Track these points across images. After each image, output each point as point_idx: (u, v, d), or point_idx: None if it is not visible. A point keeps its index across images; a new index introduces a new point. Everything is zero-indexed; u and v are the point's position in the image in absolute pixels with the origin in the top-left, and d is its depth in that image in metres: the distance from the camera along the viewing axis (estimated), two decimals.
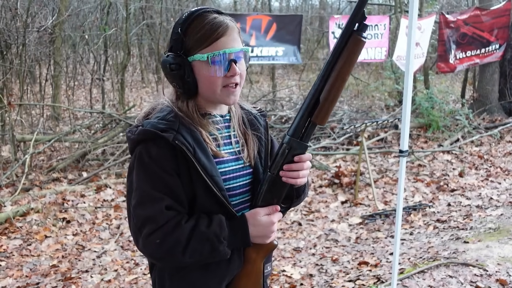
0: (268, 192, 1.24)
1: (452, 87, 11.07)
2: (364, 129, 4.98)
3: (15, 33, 5.96)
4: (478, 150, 6.57)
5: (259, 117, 1.38)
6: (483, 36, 7.64)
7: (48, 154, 6.43)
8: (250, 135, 1.32)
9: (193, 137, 1.18)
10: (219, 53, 1.16)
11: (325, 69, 1.16)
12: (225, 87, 1.20)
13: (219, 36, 1.17)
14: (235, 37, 1.20)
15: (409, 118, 2.46)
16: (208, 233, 1.14)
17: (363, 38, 1.12)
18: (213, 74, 1.18)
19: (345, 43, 1.13)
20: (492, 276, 2.97)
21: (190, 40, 1.18)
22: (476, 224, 4.03)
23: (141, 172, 1.17)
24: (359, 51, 1.12)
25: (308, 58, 12.62)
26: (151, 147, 1.16)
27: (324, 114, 1.17)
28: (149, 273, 3.45)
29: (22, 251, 3.85)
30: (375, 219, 4.32)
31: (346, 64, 1.13)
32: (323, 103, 1.16)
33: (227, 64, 1.18)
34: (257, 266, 1.28)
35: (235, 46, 1.19)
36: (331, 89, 1.15)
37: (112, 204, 4.78)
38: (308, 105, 1.17)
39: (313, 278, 3.28)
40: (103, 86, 8.74)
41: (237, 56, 1.20)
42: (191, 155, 1.14)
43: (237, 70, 1.19)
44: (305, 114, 1.18)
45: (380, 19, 7.74)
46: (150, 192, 1.15)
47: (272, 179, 1.23)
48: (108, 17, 9.30)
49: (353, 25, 1.13)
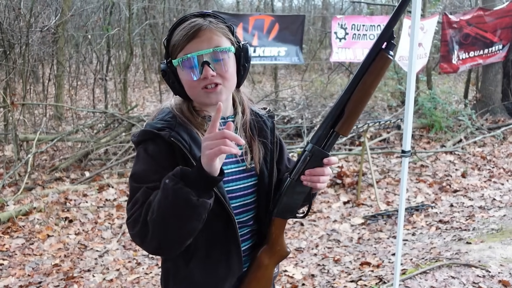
0: (287, 197, 1.25)
1: (455, 87, 11.04)
2: (366, 129, 4.98)
3: (19, 33, 5.98)
4: (481, 150, 6.56)
5: (266, 119, 1.37)
6: (486, 37, 7.62)
7: (50, 154, 6.44)
8: (256, 141, 1.32)
9: (189, 135, 1.20)
10: (187, 57, 1.17)
11: (351, 82, 1.18)
12: (204, 89, 1.20)
13: (189, 39, 1.18)
14: (209, 37, 1.18)
15: (411, 119, 2.45)
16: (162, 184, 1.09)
17: (390, 56, 1.16)
18: (188, 78, 1.20)
19: (372, 59, 1.16)
20: (494, 277, 2.96)
21: (170, 47, 1.22)
22: (478, 225, 4.02)
23: (135, 167, 1.19)
24: (386, 67, 1.16)
25: (311, 58, 12.61)
26: (149, 145, 1.19)
27: (348, 125, 1.20)
28: (150, 273, 3.43)
29: (24, 250, 3.85)
30: (377, 219, 4.32)
31: (373, 79, 1.17)
32: (348, 115, 1.19)
33: (200, 67, 1.18)
34: (269, 272, 1.30)
35: (209, 47, 1.18)
36: (357, 102, 1.18)
37: (114, 203, 4.78)
38: (333, 116, 1.20)
39: (315, 278, 3.27)
40: (106, 86, 8.75)
41: (212, 56, 1.18)
42: (187, 152, 1.16)
43: (210, 73, 1.17)
44: (329, 124, 1.20)
45: (383, 19, 7.72)
46: (136, 186, 1.16)
47: (292, 184, 1.24)
48: (111, 17, 9.31)
49: (382, 43, 1.16)
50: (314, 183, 1.22)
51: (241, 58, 1.25)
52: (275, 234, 1.29)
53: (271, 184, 1.33)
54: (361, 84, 1.17)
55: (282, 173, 1.39)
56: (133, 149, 6.06)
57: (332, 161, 1.22)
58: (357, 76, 1.17)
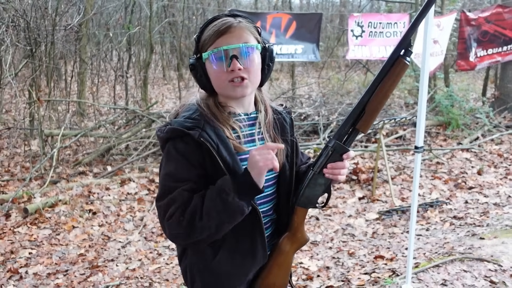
0: (309, 188, 1.37)
1: (473, 85, 10.97)
2: (382, 126, 5.04)
3: (44, 31, 6.19)
4: (498, 148, 6.55)
5: (285, 115, 1.47)
6: (505, 34, 7.57)
7: (74, 149, 6.66)
8: (279, 140, 1.41)
9: (216, 134, 1.27)
10: (217, 50, 1.27)
11: (372, 84, 1.31)
12: (230, 82, 1.29)
13: (220, 34, 1.27)
14: (239, 34, 1.28)
15: (424, 115, 2.53)
16: (214, 191, 1.23)
17: (408, 62, 1.29)
18: (216, 70, 1.29)
19: (391, 65, 1.29)
20: (506, 271, 3.02)
21: (201, 42, 1.32)
22: (492, 221, 4.06)
23: (167, 165, 1.28)
24: (403, 73, 1.30)
25: (328, 55, 12.64)
26: (179, 143, 1.26)
27: (367, 123, 1.32)
28: (171, 263, 3.58)
29: (51, 240, 4.04)
30: (392, 215, 4.39)
31: (391, 83, 1.31)
32: (368, 114, 1.31)
33: (229, 60, 1.27)
34: (289, 258, 1.41)
35: (238, 42, 1.27)
36: (376, 102, 1.31)
37: (135, 197, 4.95)
38: (354, 115, 1.32)
39: (329, 270, 3.38)
40: (127, 83, 8.95)
41: (241, 51, 1.27)
42: (214, 151, 1.24)
43: (237, 66, 1.26)
44: (350, 122, 1.33)
45: (400, 17, 7.74)
46: (171, 185, 1.25)
47: (315, 176, 1.36)
48: (132, 15, 9.51)
49: (400, 50, 1.29)
50: (335, 176, 1.34)
51: (266, 58, 1.34)
52: (297, 223, 1.40)
53: (292, 176, 1.43)
54: (380, 86, 1.30)
55: (297, 165, 1.50)
56: (154, 145, 6.23)
57: (351, 155, 1.34)
58: (377, 79, 1.30)
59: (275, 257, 1.40)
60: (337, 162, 1.33)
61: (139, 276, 3.43)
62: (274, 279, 1.40)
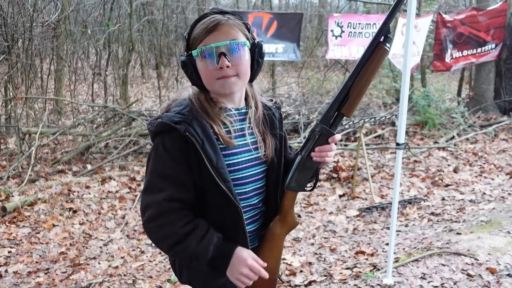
0: (298, 172, 1.40)
1: (449, 86, 11.23)
2: (362, 125, 5.13)
3: (22, 27, 6.07)
4: (473, 147, 6.73)
5: (275, 110, 1.50)
6: (479, 36, 7.80)
7: (52, 147, 6.55)
8: (269, 134, 1.44)
9: (203, 130, 1.30)
10: (206, 48, 1.29)
11: (354, 70, 1.35)
12: (220, 79, 1.31)
13: (208, 32, 1.29)
14: (227, 31, 1.30)
15: (406, 112, 2.60)
16: (193, 250, 1.29)
17: (387, 48, 1.34)
18: (206, 67, 1.31)
19: (372, 51, 1.34)
20: (482, 264, 3.12)
21: (191, 39, 1.33)
22: (468, 217, 4.19)
23: (153, 161, 1.33)
24: (383, 58, 1.35)
25: (308, 55, 12.74)
26: (166, 138, 1.30)
27: (351, 107, 1.36)
28: (154, 260, 3.57)
29: (31, 239, 3.98)
30: (372, 211, 4.47)
31: (372, 67, 1.35)
32: (352, 98, 1.35)
33: (217, 58, 1.29)
34: (280, 241, 1.44)
35: (226, 40, 1.29)
36: (359, 87, 1.35)
37: (116, 195, 4.91)
38: (338, 99, 1.36)
39: (312, 265, 3.43)
40: (106, 81, 8.85)
41: (229, 48, 1.29)
42: (199, 147, 1.27)
43: (226, 63, 1.28)
44: (335, 107, 1.36)
45: (378, 18, 7.88)
46: (156, 181, 1.30)
47: (303, 160, 1.40)
48: (111, 13, 9.40)
49: (380, 37, 1.34)
50: (322, 158, 1.38)
51: (255, 54, 1.36)
52: (287, 206, 1.43)
53: (280, 169, 1.47)
54: (362, 72, 1.34)
55: (286, 158, 1.54)
56: (134, 143, 6.19)
57: (336, 138, 1.38)
58: (359, 65, 1.34)
59: (266, 240, 1.44)
60: (324, 146, 1.37)
61: (122, 273, 3.41)
62: (265, 262, 1.40)
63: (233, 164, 1.36)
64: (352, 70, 1.37)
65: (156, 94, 10.47)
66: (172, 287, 3.18)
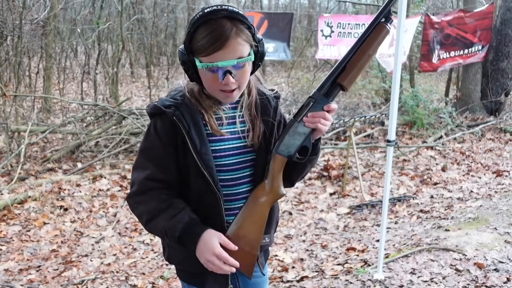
0: (288, 135, 1.36)
1: (436, 86, 11.37)
2: (352, 124, 5.19)
3: (11, 25, 6.02)
4: (460, 146, 6.84)
5: (272, 98, 1.46)
6: (466, 37, 7.92)
7: (41, 145, 6.51)
8: (259, 120, 1.41)
9: (192, 116, 1.33)
10: (212, 65, 1.26)
11: (354, 44, 1.36)
12: (222, 91, 1.32)
13: (216, 49, 1.25)
14: (235, 48, 1.26)
15: (396, 110, 2.66)
16: (163, 226, 1.32)
17: (388, 27, 1.35)
18: (209, 80, 1.31)
19: (373, 28, 1.35)
20: (470, 260, 3.18)
21: (195, 44, 1.28)
22: (456, 214, 4.26)
23: (144, 140, 1.39)
24: (384, 35, 1.34)
25: (297, 56, 12.81)
26: (158, 120, 1.36)
27: (348, 76, 1.34)
28: (146, 257, 3.59)
29: (21, 237, 3.96)
30: (362, 209, 4.53)
31: (372, 43, 1.35)
32: (349, 68, 1.34)
33: (223, 75, 1.28)
34: (263, 209, 1.37)
35: (233, 58, 1.26)
36: (358, 59, 1.34)
37: (108, 193, 4.90)
38: (337, 69, 1.35)
39: (304, 262, 3.47)
40: (96, 79, 8.81)
41: (235, 66, 1.28)
42: (184, 132, 1.31)
43: (231, 81, 1.28)
44: (333, 76, 1.35)
45: (368, 18, 7.96)
46: (142, 160, 1.37)
47: (295, 124, 1.35)
48: (101, 11, 9.35)
49: (381, 18, 1.35)
50: (315, 124, 1.33)
51: (257, 58, 1.34)
52: (274, 170, 1.37)
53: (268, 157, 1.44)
54: (363, 46, 1.34)
55: None
56: (125, 142, 6.20)
57: (332, 107, 1.35)
58: (360, 40, 1.35)
59: (247, 206, 1.36)
60: (318, 112, 1.34)
61: (115, 270, 3.42)
62: (245, 231, 1.34)
63: (219, 150, 1.38)
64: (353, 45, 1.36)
65: (146, 93, 10.45)
66: (165, 284, 3.20)
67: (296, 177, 1.49)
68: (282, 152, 1.37)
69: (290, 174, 1.44)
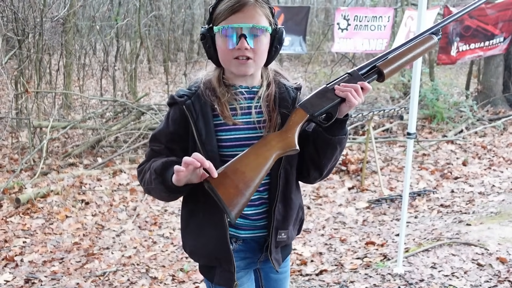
0: (316, 96, 1.34)
1: (456, 80, 11.19)
2: (371, 118, 5.14)
3: (33, 22, 6.13)
4: (482, 140, 6.73)
5: (292, 90, 1.45)
6: (487, 29, 7.75)
7: (62, 141, 6.62)
8: (276, 111, 1.40)
9: (201, 107, 1.36)
10: (228, 27, 1.30)
11: (404, 43, 1.44)
12: (236, 59, 1.33)
13: (234, 11, 1.29)
14: (252, 15, 1.30)
15: (417, 102, 2.63)
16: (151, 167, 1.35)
17: (436, 40, 1.46)
18: (224, 45, 1.33)
19: (422, 37, 1.45)
20: (492, 254, 3.14)
21: (215, 14, 1.34)
22: (478, 208, 4.20)
23: (159, 126, 1.45)
24: (430, 46, 1.45)
25: (314, 50, 12.74)
26: (173, 109, 1.42)
27: (389, 65, 1.38)
28: (166, 250, 3.63)
29: (45, 230, 4.04)
30: (381, 203, 4.50)
31: (418, 47, 1.44)
32: (392, 60, 1.40)
33: (237, 38, 1.30)
34: (269, 153, 1.29)
35: (250, 23, 1.29)
36: (402, 55, 1.41)
37: (127, 187, 4.97)
38: (380, 57, 1.40)
39: (322, 255, 3.46)
40: (114, 75, 8.91)
41: (250, 31, 1.30)
42: (192, 121, 1.35)
43: (245, 45, 1.29)
44: (376, 61, 1.39)
45: (385, 11, 7.89)
46: (151, 143, 1.44)
47: (325, 89, 1.34)
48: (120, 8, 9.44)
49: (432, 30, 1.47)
50: (345, 93, 1.30)
51: (275, 40, 1.37)
52: (292, 121, 1.33)
53: None
54: (410, 46, 1.43)
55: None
56: (143, 137, 6.28)
57: (366, 85, 1.33)
58: (409, 41, 1.44)
59: (255, 147, 1.30)
60: (351, 83, 1.32)
61: (135, 263, 3.47)
62: (245, 168, 1.25)
63: (230, 140, 1.37)
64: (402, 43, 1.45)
65: (164, 89, 10.52)
66: (185, 276, 3.23)
67: (326, 161, 1.39)
68: (306, 109, 1.33)
69: (319, 155, 1.37)
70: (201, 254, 1.45)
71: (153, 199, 4.74)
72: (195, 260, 1.51)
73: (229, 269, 1.40)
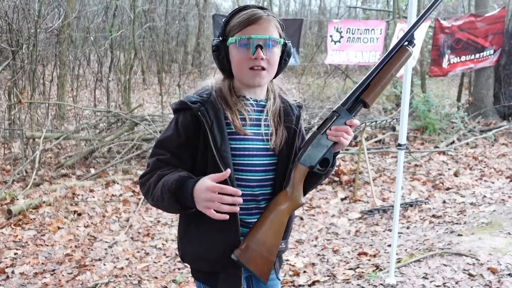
0: (312, 147, 1.42)
1: (448, 91, 11.32)
2: (363, 129, 5.19)
3: (27, 33, 6.15)
4: (473, 151, 6.79)
5: (294, 107, 1.53)
6: (477, 42, 7.88)
7: (55, 152, 6.60)
8: (282, 126, 1.48)
9: (215, 114, 1.38)
10: (245, 37, 1.36)
11: (378, 64, 1.44)
12: (251, 69, 1.38)
13: (250, 23, 1.36)
14: (266, 27, 1.38)
15: (407, 113, 2.66)
16: (162, 184, 1.34)
17: (410, 50, 1.46)
18: (240, 56, 1.38)
19: (396, 51, 1.45)
20: (483, 264, 3.16)
21: (229, 26, 1.40)
22: (469, 219, 4.23)
23: (162, 134, 1.44)
24: (406, 58, 1.46)
25: (308, 62, 12.84)
26: (181, 115, 1.41)
27: (371, 93, 1.42)
28: (159, 261, 3.62)
29: (36, 241, 4.02)
30: (374, 214, 4.52)
31: (395, 64, 1.45)
32: (373, 86, 1.43)
33: (254, 48, 1.36)
34: (282, 217, 1.40)
35: (265, 35, 1.37)
36: (382, 77, 1.43)
37: (120, 198, 4.96)
38: (361, 86, 1.43)
39: (315, 266, 3.47)
40: (108, 86, 8.92)
41: (266, 43, 1.37)
42: (207, 127, 1.36)
43: (261, 55, 1.35)
44: (357, 92, 1.43)
45: (377, 24, 7.99)
46: (158, 150, 1.41)
47: (319, 136, 1.41)
48: (114, 19, 9.49)
49: (405, 41, 1.47)
50: (338, 137, 1.39)
51: (284, 53, 1.44)
52: (295, 180, 1.42)
53: (289, 164, 1.48)
54: (387, 65, 1.44)
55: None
56: (137, 148, 6.27)
57: (354, 122, 1.41)
58: (383, 61, 1.44)
59: (269, 211, 1.40)
60: (342, 126, 1.40)
61: (128, 274, 3.45)
62: (265, 237, 1.36)
63: (240, 149, 1.41)
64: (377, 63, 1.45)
65: (158, 100, 10.54)
66: (177, 287, 3.22)
67: (309, 187, 1.51)
68: (305, 163, 1.42)
69: (304, 185, 1.46)
70: (204, 260, 1.44)
71: (146, 210, 4.74)
72: (197, 267, 1.49)
73: (236, 274, 1.42)
